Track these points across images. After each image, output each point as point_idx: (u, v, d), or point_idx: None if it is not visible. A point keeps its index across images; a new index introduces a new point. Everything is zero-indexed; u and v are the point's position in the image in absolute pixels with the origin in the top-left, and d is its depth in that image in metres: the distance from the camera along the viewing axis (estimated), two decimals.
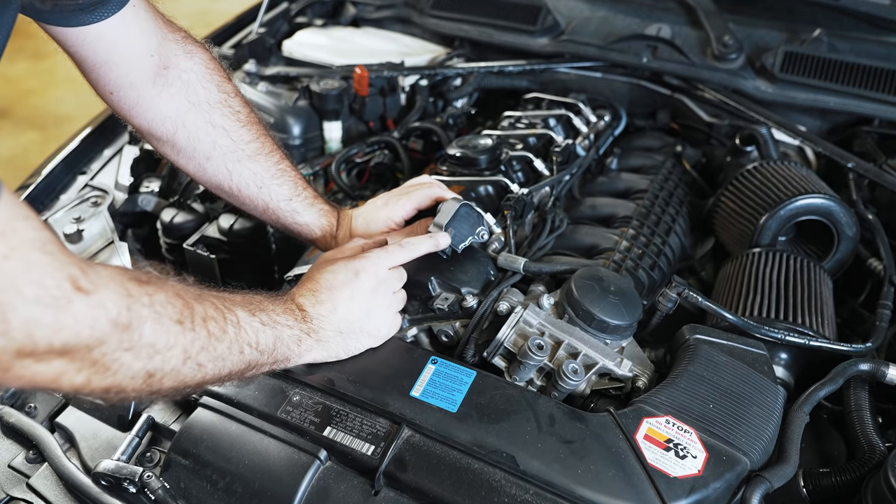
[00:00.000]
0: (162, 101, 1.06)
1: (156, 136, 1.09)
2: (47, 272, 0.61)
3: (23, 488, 0.94)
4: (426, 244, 1.05)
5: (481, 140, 1.39)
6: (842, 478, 0.94)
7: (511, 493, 0.80)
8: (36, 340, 0.61)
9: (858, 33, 1.72)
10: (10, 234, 0.59)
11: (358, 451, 0.86)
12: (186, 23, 1.11)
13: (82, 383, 0.67)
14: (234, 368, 0.82)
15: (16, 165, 3.91)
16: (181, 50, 1.07)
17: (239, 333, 0.82)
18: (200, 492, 0.87)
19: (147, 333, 0.70)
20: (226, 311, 0.82)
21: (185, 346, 0.75)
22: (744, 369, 0.95)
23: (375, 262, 0.98)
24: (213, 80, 1.09)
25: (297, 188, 1.16)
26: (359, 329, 0.96)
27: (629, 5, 1.92)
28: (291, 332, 0.90)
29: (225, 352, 0.80)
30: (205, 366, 0.78)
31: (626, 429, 0.85)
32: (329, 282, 0.95)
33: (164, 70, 1.05)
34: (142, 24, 1.00)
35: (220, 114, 1.09)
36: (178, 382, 0.76)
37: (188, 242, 1.43)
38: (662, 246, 1.36)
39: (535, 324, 1.00)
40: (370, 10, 2.24)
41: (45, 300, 0.61)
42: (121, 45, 0.99)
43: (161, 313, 0.72)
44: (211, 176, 1.12)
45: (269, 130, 1.16)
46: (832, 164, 1.60)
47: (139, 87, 1.04)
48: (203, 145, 1.09)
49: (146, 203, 1.58)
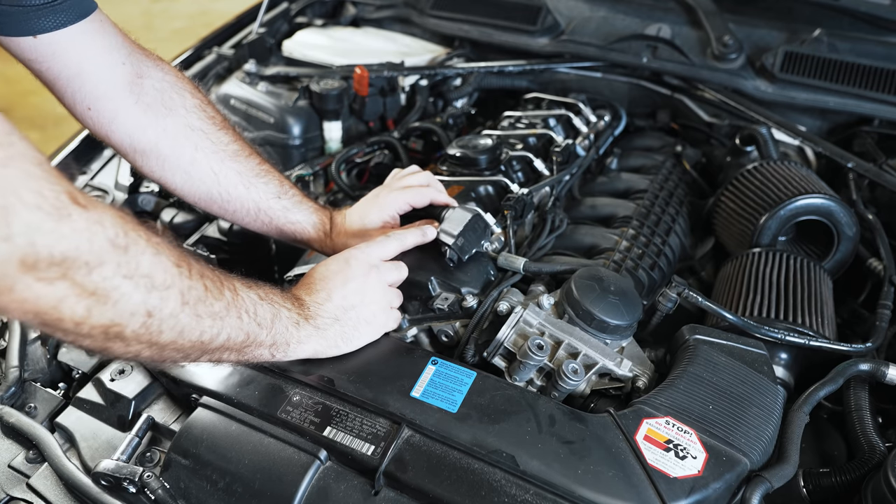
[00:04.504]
0: (140, 110, 1.06)
1: (138, 149, 1.09)
2: (45, 185, 0.62)
3: (23, 488, 0.94)
4: (413, 235, 1.07)
5: (481, 140, 1.39)
6: (842, 478, 0.95)
7: (511, 493, 0.80)
8: (37, 249, 0.61)
9: (858, 33, 1.72)
10: (8, 146, 0.60)
11: (358, 451, 0.86)
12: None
13: (83, 314, 0.67)
14: (232, 335, 0.82)
15: None
16: (150, 62, 1.08)
17: (236, 298, 0.82)
18: (200, 492, 0.87)
19: (145, 264, 0.70)
20: (223, 277, 0.83)
21: (181, 290, 0.75)
22: (744, 369, 0.95)
23: (364, 251, 1.01)
24: (185, 87, 1.11)
25: (283, 186, 1.17)
26: (355, 316, 0.97)
27: (629, 5, 1.92)
28: (290, 314, 0.91)
29: (223, 311, 0.80)
30: (203, 319, 0.78)
31: (626, 429, 0.85)
32: (322, 273, 0.98)
33: (139, 79, 1.06)
34: (109, 36, 1.02)
35: (197, 117, 1.11)
36: (178, 334, 0.75)
37: (188, 242, 1.43)
38: (662, 246, 1.36)
39: (535, 324, 1.00)
40: (370, 10, 2.24)
41: (44, 208, 0.61)
42: (91, 55, 1.00)
43: (158, 251, 0.73)
44: (199, 183, 1.12)
45: (244, 137, 1.17)
46: (832, 164, 1.60)
47: (116, 98, 1.04)
48: (185, 150, 1.10)
49: (146, 203, 1.58)
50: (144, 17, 5.59)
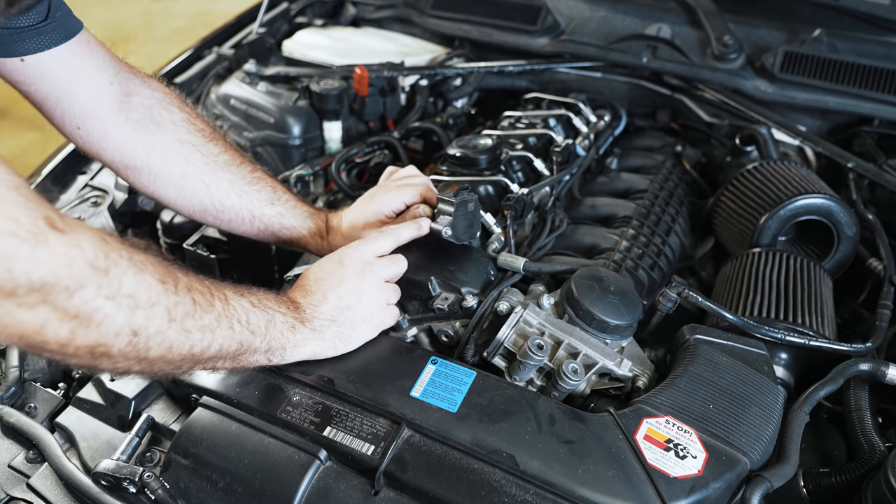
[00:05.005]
0: (129, 128, 1.07)
1: (129, 165, 1.09)
2: (22, 210, 0.62)
3: (23, 488, 0.94)
4: (408, 229, 1.06)
5: (481, 140, 1.39)
6: (842, 478, 0.95)
7: (511, 493, 0.80)
8: (15, 276, 0.61)
9: (858, 33, 1.72)
10: None
11: (358, 451, 0.86)
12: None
13: (67, 337, 0.67)
14: (225, 346, 0.82)
15: (16, 165, 3.80)
16: (138, 80, 1.09)
17: (227, 308, 0.82)
18: (200, 492, 0.87)
19: (127, 284, 0.70)
20: (213, 287, 0.82)
21: (168, 306, 0.74)
22: (744, 369, 0.95)
23: (358, 249, 1.00)
24: (172, 102, 1.11)
25: (276, 192, 1.17)
26: (351, 316, 0.96)
27: (629, 5, 1.92)
28: (284, 319, 0.90)
29: (213, 323, 0.80)
30: (192, 333, 0.77)
31: (626, 429, 0.85)
32: (316, 274, 0.98)
33: (127, 97, 1.06)
34: (97, 56, 1.02)
35: (186, 131, 1.11)
36: (166, 349, 0.75)
37: (188, 242, 1.43)
38: (662, 246, 1.36)
39: (535, 324, 1.00)
40: (370, 10, 2.24)
41: (20, 234, 0.61)
42: (79, 76, 1.00)
43: (142, 269, 0.72)
44: (191, 196, 1.12)
45: (234, 146, 1.17)
46: (832, 164, 1.60)
47: (104, 117, 1.05)
48: (176, 164, 1.10)
49: (146, 203, 1.58)
50: (144, 17, 5.59)
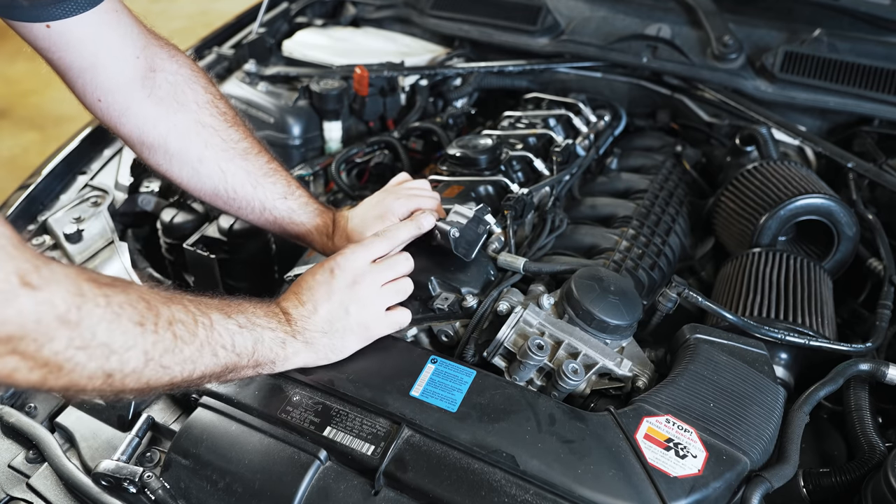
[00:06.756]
0: (151, 104, 1.05)
1: (147, 142, 1.08)
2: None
3: (23, 488, 0.94)
4: (406, 230, 1.04)
5: (481, 140, 1.39)
6: (842, 478, 0.95)
7: (511, 493, 0.80)
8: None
9: (858, 33, 1.72)
10: None
11: (358, 451, 0.86)
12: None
13: (38, 381, 0.67)
14: (208, 371, 0.82)
15: (16, 165, 3.91)
16: (165, 54, 1.07)
17: (211, 335, 0.81)
18: (200, 492, 0.87)
19: (101, 333, 0.70)
20: (198, 313, 0.81)
21: (145, 348, 0.74)
22: (744, 369, 0.95)
23: (349, 258, 0.97)
24: (198, 81, 1.10)
25: (290, 187, 1.16)
26: (341, 328, 0.94)
27: (629, 5, 1.92)
28: (274, 335, 0.89)
29: (194, 354, 0.79)
30: (171, 368, 0.77)
31: (626, 428, 0.85)
32: (308, 283, 0.95)
33: (152, 73, 1.05)
34: (125, 27, 1.00)
35: (209, 113, 1.09)
36: (143, 385, 0.76)
37: (188, 242, 1.43)
38: (662, 246, 1.36)
39: (535, 324, 1.00)
40: (370, 10, 2.24)
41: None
42: (106, 48, 0.99)
43: (119, 314, 0.72)
44: (206, 179, 1.11)
45: (254, 133, 1.16)
46: (832, 164, 1.60)
47: (127, 91, 1.03)
48: (195, 146, 1.08)
49: (146, 203, 1.58)
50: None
